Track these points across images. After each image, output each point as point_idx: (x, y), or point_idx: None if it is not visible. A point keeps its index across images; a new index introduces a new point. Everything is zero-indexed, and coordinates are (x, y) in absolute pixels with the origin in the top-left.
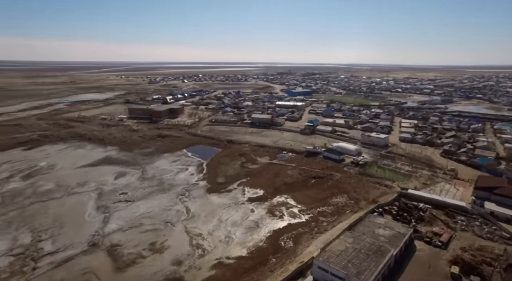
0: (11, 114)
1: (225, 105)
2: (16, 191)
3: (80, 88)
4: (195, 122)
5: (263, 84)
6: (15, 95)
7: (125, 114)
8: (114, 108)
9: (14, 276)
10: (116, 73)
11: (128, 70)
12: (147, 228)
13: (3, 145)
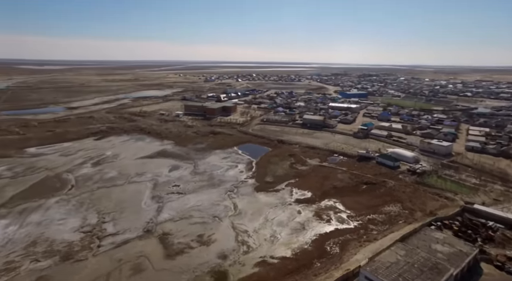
0: (87, 107)
1: (277, 105)
2: (87, 176)
3: (142, 85)
4: (247, 121)
5: (317, 85)
6: (91, 91)
7: (181, 110)
8: (171, 104)
9: (84, 250)
10: (175, 72)
11: (186, 68)
12: (196, 221)
13: (79, 134)
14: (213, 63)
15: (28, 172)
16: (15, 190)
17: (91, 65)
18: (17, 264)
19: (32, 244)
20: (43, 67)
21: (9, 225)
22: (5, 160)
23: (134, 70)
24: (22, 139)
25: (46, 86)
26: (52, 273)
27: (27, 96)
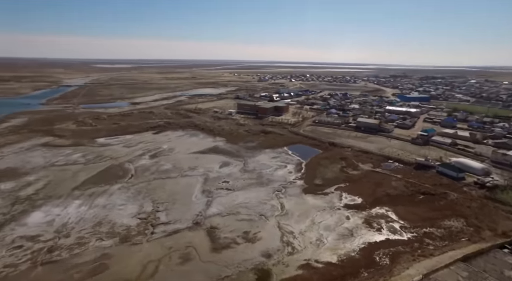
0: (148, 103)
1: (330, 106)
2: (145, 167)
3: (199, 83)
4: (299, 121)
5: (373, 87)
6: (152, 88)
7: (234, 108)
8: (225, 102)
9: (139, 235)
10: (230, 71)
11: (241, 68)
12: (243, 218)
13: (140, 128)
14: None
15: (97, 160)
16: (86, 175)
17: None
18: (86, 240)
19: (98, 224)
20: (113, 66)
21: (81, 205)
22: (80, 148)
23: (192, 69)
24: (94, 130)
25: (115, 83)
26: (113, 252)
27: (99, 91)
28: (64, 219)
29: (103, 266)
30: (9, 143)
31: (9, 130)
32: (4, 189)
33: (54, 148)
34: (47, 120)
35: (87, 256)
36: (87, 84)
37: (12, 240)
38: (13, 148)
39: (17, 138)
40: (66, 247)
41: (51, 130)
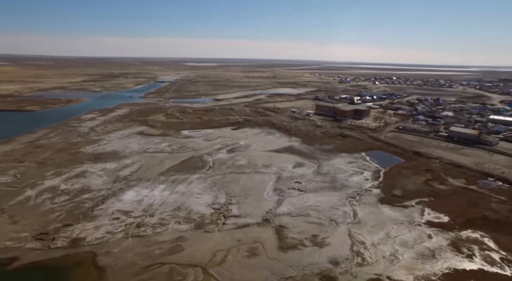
0: (229, 100)
1: (417, 112)
2: (222, 161)
3: (279, 83)
4: (380, 127)
5: (474, 93)
6: (234, 85)
7: (312, 109)
8: (303, 103)
9: (212, 224)
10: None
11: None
12: (312, 220)
13: (220, 123)
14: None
15: (180, 150)
16: (171, 163)
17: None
18: (166, 222)
19: (177, 209)
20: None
21: (164, 190)
22: (167, 138)
23: (273, 68)
24: (180, 123)
25: (201, 80)
26: (188, 236)
27: (187, 87)
28: (150, 200)
29: (179, 248)
30: (115, 130)
31: (116, 118)
32: (109, 168)
33: (147, 137)
34: (143, 112)
35: (166, 236)
36: (177, 80)
37: (112, 212)
38: (117, 134)
39: (120, 126)
40: (151, 225)
41: (146, 121)
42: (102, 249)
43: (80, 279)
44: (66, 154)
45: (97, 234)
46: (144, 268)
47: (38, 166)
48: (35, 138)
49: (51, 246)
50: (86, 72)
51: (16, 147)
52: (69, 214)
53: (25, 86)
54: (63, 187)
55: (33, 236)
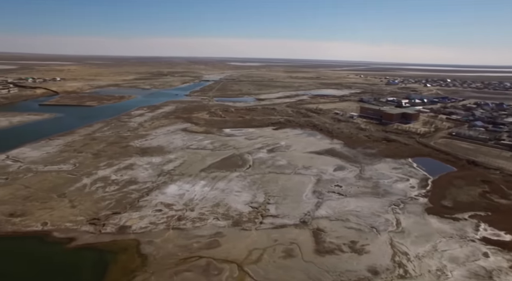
0: (271, 100)
1: (475, 117)
2: (262, 160)
3: (322, 84)
4: (430, 132)
5: None
6: (276, 86)
7: (356, 112)
8: (347, 104)
9: (249, 222)
10: (356, 72)
11: (368, 69)
12: (351, 226)
13: (261, 123)
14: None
15: (222, 148)
16: (212, 160)
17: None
18: (205, 217)
19: (216, 205)
20: (244, 64)
21: (205, 186)
22: (209, 136)
23: (317, 69)
24: (222, 121)
25: (244, 80)
26: (225, 233)
27: (231, 87)
28: (191, 195)
29: (216, 243)
30: (161, 126)
31: (162, 115)
32: (155, 162)
33: (190, 133)
34: (188, 109)
35: (205, 231)
36: (221, 79)
37: (156, 204)
38: (162, 130)
39: (166, 122)
40: (190, 219)
41: (190, 118)
42: (145, 238)
43: (125, 264)
44: (117, 147)
45: (141, 223)
46: (182, 259)
47: (93, 157)
48: (91, 131)
49: (102, 231)
50: (138, 71)
51: (76, 138)
52: (117, 203)
53: (86, 84)
54: (114, 178)
55: (88, 220)
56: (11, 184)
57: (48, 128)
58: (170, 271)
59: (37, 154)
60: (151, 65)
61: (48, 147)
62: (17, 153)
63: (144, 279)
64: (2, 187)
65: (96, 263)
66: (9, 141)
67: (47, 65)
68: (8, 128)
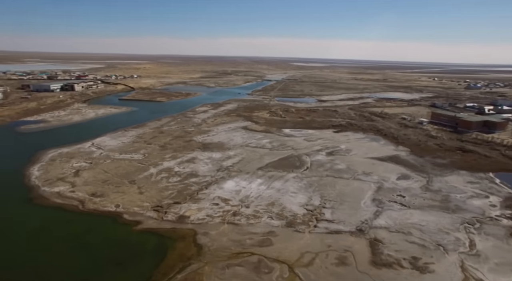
0: (333, 101)
1: None
2: (320, 163)
3: (389, 86)
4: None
5: None
6: (339, 87)
7: (426, 117)
8: (416, 109)
9: (303, 224)
10: (428, 75)
11: (444, 72)
12: (414, 240)
13: (322, 124)
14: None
15: (280, 148)
16: (270, 159)
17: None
18: (260, 215)
19: (271, 204)
20: (307, 64)
21: (261, 184)
22: (269, 135)
23: (384, 71)
24: (282, 121)
25: (307, 80)
26: (278, 232)
27: (292, 87)
28: (247, 192)
29: (269, 241)
30: (223, 123)
31: (225, 112)
32: (215, 157)
33: (250, 132)
34: (249, 108)
35: (258, 228)
36: (283, 79)
37: (213, 198)
38: (224, 127)
39: (228, 120)
40: (245, 216)
41: (250, 117)
42: (202, 229)
43: (182, 251)
44: (181, 141)
45: (199, 215)
46: (235, 254)
47: (160, 148)
48: (160, 124)
49: (164, 218)
50: (204, 69)
51: (147, 131)
52: (179, 194)
53: (158, 81)
54: (177, 169)
55: (152, 207)
56: (94, 168)
57: (125, 120)
58: (222, 264)
59: (114, 143)
60: (216, 64)
61: (123, 137)
62: (100, 141)
63: (199, 267)
64: (88, 170)
65: (157, 247)
66: (94, 130)
67: (127, 64)
68: (94, 119)
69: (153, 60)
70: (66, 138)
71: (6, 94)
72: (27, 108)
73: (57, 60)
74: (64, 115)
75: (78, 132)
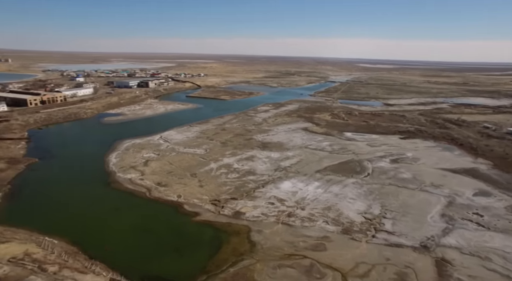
0: (401, 106)
1: None
2: (383, 170)
3: (470, 91)
4: None
5: None
6: (410, 91)
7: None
8: (504, 117)
9: (360, 233)
10: None
11: None
12: (494, 268)
13: (387, 130)
14: None
15: (340, 151)
16: (329, 163)
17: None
18: (315, 218)
19: (327, 208)
20: (375, 66)
21: (318, 187)
22: (329, 137)
23: (464, 73)
24: (344, 124)
25: (373, 83)
26: (333, 238)
27: (357, 89)
28: (304, 194)
29: (322, 246)
30: (283, 123)
31: (285, 113)
32: (273, 157)
33: (310, 133)
34: (310, 109)
35: (312, 232)
36: (348, 81)
37: (269, 197)
38: (284, 128)
39: (288, 120)
40: (300, 218)
41: (311, 118)
42: (256, 226)
43: (235, 246)
44: (242, 139)
45: (254, 212)
46: (287, 255)
47: (221, 145)
48: (222, 122)
49: (220, 212)
50: (267, 69)
51: (210, 127)
52: (236, 190)
53: (223, 80)
54: (235, 166)
55: (210, 200)
56: (161, 159)
57: (190, 116)
58: (274, 263)
59: (180, 137)
60: (279, 64)
61: (188, 132)
62: (167, 135)
63: (250, 264)
64: (155, 161)
65: (212, 239)
66: (163, 125)
67: (195, 63)
68: (163, 114)
69: (219, 60)
70: (139, 130)
71: (96, 90)
72: (110, 102)
73: (136, 59)
74: (138, 109)
75: (149, 125)
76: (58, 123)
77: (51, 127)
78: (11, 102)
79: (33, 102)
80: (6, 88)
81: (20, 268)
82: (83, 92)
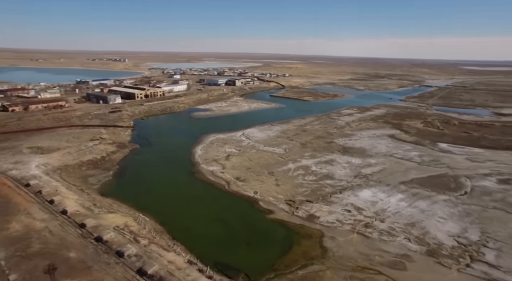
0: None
1: None
2: (487, 190)
3: None
4: None
5: None
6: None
7: None
8: None
9: (450, 258)
10: None
11: None
12: None
13: (496, 143)
14: None
15: (431, 164)
16: (416, 175)
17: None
18: (395, 233)
19: (410, 225)
20: (485, 68)
21: (402, 200)
22: (419, 147)
23: None
24: (439, 134)
25: (481, 88)
26: (415, 258)
27: (459, 95)
28: (384, 206)
29: (402, 265)
30: (368, 128)
31: (371, 118)
32: (354, 163)
33: (397, 141)
34: (399, 115)
35: (391, 247)
36: (448, 86)
37: (346, 204)
38: (368, 133)
39: (374, 125)
40: (378, 230)
41: (400, 125)
42: (329, 232)
43: (306, 249)
44: (322, 142)
45: (329, 218)
46: (360, 267)
47: (301, 146)
48: (304, 123)
49: (294, 213)
50: (354, 71)
51: (291, 128)
52: (312, 193)
53: (307, 80)
54: (313, 169)
55: (285, 200)
56: (241, 155)
57: (272, 115)
58: (345, 273)
59: (260, 135)
60: (368, 66)
61: (269, 131)
62: (249, 132)
63: (320, 270)
64: (236, 156)
65: (284, 238)
66: (246, 122)
67: (281, 63)
68: (247, 111)
69: (304, 60)
70: (223, 126)
71: (189, 86)
72: (200, 98)
73: (226, 58)
74: (224, 106)
75: (233, 122)
76: (156, 115)
77: (151, 118)
78: (124, 95)
79: (139, 95)
80: (122, 83)
81: (121, 236)
82: (178, 88)
